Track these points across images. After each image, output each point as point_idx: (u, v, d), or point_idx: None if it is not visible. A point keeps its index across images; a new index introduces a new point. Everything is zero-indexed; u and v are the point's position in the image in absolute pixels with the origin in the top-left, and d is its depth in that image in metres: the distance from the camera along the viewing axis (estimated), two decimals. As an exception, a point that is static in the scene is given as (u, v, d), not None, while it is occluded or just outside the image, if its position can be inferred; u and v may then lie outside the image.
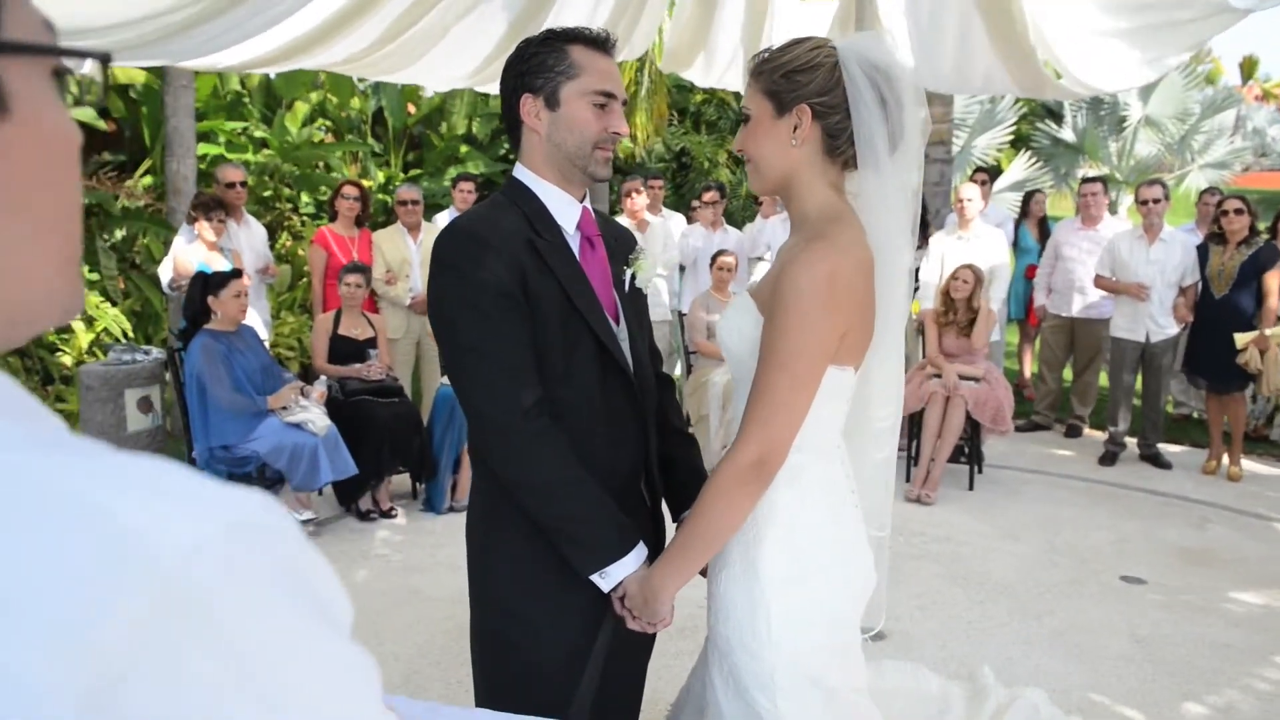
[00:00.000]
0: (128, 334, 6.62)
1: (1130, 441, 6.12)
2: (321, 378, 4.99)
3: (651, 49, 6.51)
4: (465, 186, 6.33)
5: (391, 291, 5.77)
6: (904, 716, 1.96)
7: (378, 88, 10.45)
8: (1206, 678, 3.27)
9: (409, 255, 5.87)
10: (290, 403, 4.52)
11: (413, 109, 10.96)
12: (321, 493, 4.83)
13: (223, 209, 5.41)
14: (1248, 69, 27.13)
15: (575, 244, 1.69)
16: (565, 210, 1.69)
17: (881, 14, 4.37)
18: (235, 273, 4.64)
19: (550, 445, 1.56)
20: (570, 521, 1.58)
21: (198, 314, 4.49)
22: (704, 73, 5.39)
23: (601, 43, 1.67)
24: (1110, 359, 6.15)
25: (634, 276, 1.79)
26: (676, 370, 6.51)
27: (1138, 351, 5.92)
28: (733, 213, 10.45)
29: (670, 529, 1.77)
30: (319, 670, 0.46)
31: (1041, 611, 3.81)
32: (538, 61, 1.63)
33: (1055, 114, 13.00)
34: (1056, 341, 6.74)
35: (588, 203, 1.75)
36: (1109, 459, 6.00)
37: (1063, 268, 6.58)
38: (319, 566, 0.48)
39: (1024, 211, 7.94)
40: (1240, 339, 5.46)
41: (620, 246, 1.80)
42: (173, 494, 0.43)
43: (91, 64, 0.55)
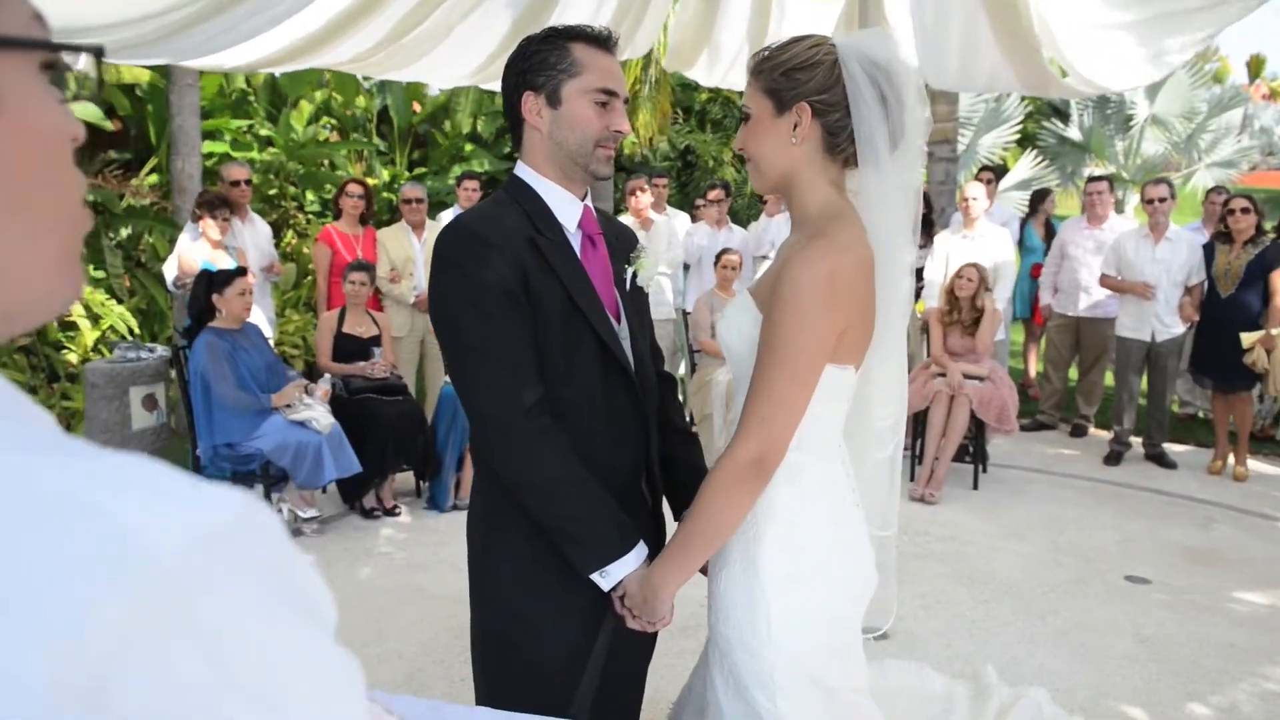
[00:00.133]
0: (133, 331, 6.64)
1: (1135, 441, 6.10)
2: (326, 376, 5.00)
3: (655, 47, 6.51)
4: (470, 185, 6.33)
5: (396, 290, 5.78)
6: (908, 716, 1.96)
7: (382, 86, 10.47)
8: (1211, 678, 3.26)
9: (413, 253, 5.88)
10: (294, 400, 4.53)
11: (417, 107, 10.97)
12: (325, 490, 4.83)
13: (228, 207, 5.43)
14: (1255, 67, 26.98)
15: (577, 242, 1.69)
16: (567, 208, 1.68)
17: (887, 12, 4.35)
18: (240, 271, 4.65)
19: (551, 444, 1.56)
20: (571, 521, 1.58)
21: (202, 312, 4.50)
22: (707, 72, 5.37)
23: (603, 40, 1.66)
24: (1115, 358, 6.13)
25: (635, 275, 1.79)
26: (681, 369, 6.51)
27: (1143, 351, 5.91)
28: (738, 211, 10.46)
29: (671, 528, 1.76)
30: (308, 669, 0.46)
31: (1046, 611, 3.80)
32: (539, 59, 1.63)
33: (1061, 112, 12.94)
34: (1062, 341, 6.73)
35: (589, 201, 1.74)
36: (1114, 458, 5.98)
37: (1068, 267, 6.58)
38: (305, 566, 0.48)
39: (1033, 210, 7.92)
40: (1246, 338, 5.44)
41: (621, 245, 1.80)
42: (165, 493, 0.43)
43: (86, 59, 0.55)
